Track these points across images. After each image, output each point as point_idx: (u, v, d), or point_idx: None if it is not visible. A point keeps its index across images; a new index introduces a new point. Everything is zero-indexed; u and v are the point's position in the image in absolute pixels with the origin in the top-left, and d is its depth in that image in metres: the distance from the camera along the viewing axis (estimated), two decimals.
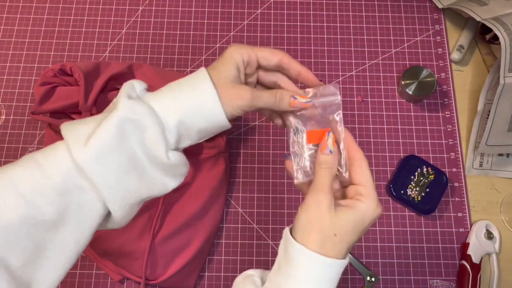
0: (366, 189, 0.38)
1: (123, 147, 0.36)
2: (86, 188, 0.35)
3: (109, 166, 0.35)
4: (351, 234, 0.37)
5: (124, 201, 0.37)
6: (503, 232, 0.67)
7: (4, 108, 0.72)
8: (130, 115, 0.36)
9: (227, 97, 0.39)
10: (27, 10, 0.78)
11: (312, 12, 0.79)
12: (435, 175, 0.68)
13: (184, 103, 0.38)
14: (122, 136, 0.36)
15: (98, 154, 0.35)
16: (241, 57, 0.40)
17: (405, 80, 0.72)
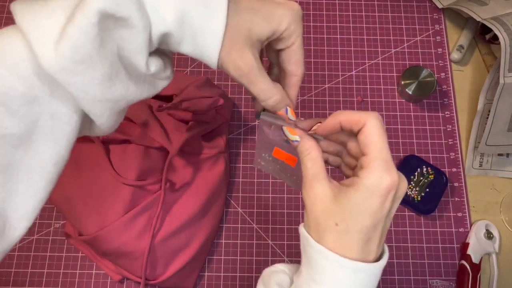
0: (368, 158, 0.30)
1: (104, 51, 0.28)
2: (58, 97, 0.29)
3: (90, 77, 0.28)
4: (361, 217, 0.29)
5: (112, 111, 0.31)
6: (503, 232, 0.67)
7: None
8: (114, 8, 0.27)
9: (228, 52, 0.31)
10: None
11: (312, 12, 0.79)
12: (435, 175, 0.68)
13: (184, 9, 0.29)
14: (103, 38, 0.28)
15: (75, 62, 0.27)
16: (284, 28, 0.32)
17: (405, 80, 0.72)
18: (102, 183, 0.61)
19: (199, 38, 0.30)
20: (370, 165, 0.29)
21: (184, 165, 0.63)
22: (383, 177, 0.29)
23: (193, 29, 0.30)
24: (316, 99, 0.74)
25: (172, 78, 0.35)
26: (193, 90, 0.63)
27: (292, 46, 0.35)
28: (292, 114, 0.35)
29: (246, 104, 0.73)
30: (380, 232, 0.30)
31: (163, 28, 0.29)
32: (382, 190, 0.29)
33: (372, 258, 0.31)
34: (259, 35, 0.31)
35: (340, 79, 0.75)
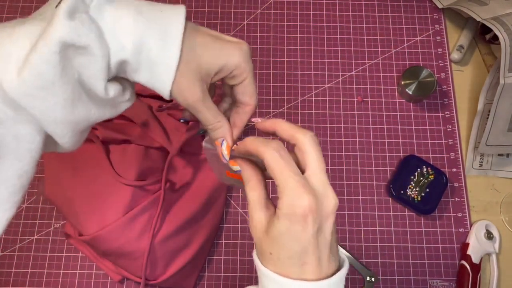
0: (279, 188, 0.30)
1: (66, 78, 0.30)
2: (21, 120, 0.30)
3: (52, 101, 0.29)
4: (287, 246, 0.30)
5: (74, 132, 0.32)
6: (503, 232, 0.67)
7: None
8: (74, 38, 0.28)
9: (178, 84, 0.33)
10: (27, 10, 0.78)
11: (312, 12, 0.79)
12: (435, 175, 0.68)
13: (142, 41, 0.31)
14: (64, 66, 0.29)
15: (37, 88, 0.29)
16: (234, 66, 0.35)
17: (405, 80, 0.72)
18: (102, 183, 0.61)
19: (154, 68, 0.32)
20: (281, 195, 0.30)
21: (184, 165, 0.63)
22: (295, 204, 0.29)
23: (149, 59, 0.31)
24: (316, 99, 0.74)
25: (134, 101, 0.37)
26: None
27: (244, 82, 0.36)
28: (227, 149, 0.35)
29: None
30: (316, 253, 0.30)
31: (121, 56, 0.31)
32: (298, 217, 0.29)
33: (321, 275, 0.30)
34: (207, 70, 0.33)
35: (340, 79, 0.75)
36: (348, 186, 0.69)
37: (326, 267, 0.31)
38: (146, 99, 0.65)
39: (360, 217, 0.68)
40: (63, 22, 0.28)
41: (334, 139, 0.72)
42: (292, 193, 0.30)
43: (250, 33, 0.78)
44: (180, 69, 0.32)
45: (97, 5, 0.30)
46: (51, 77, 0.29)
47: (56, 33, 0.28)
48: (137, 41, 0.31)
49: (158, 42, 0.31)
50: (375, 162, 0.71)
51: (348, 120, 0.73)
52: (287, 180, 0.30)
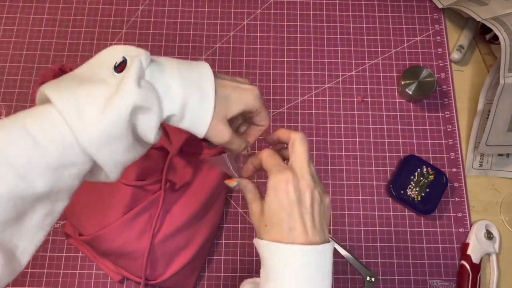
0: (269, 172, 0.40)
1: (130, 133, 0.37)
2: (82, 162, 0.36)
3: (115, 150, 0.36)
4: (275, 214, 0.38)
5: (123, 168, 0.39)
6: (503, 232, 0.67)
7: (4, 108, 0.72)
8: (142, 102, 0.36)
9: (211, 129, 0.42)
10: (27, 10, 0.78)
11: (312, 12, 0.79)
12: (435, 175, 0.68)
13: (186, 100, 0.39)
14: (131, 123, 0.36)
15: (109, 138, 0.35)
16: (250, 108, 0.44)
17: (405, 80, 0.72)
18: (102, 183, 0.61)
19: (195, 118, 0.41)
20: (269, 176, 0.39)
21: (184, 165, 0.63)
22: (278, 178, 0.38)
23: (191, 112, 0.40)
24: (316, 99, 0.74)
25: None
26: None
27: (260, 114, 0.45)
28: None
29: None
30: (299, 220, 0.37)
31: (171, 112, 0.39)
32: (281, 185, 0.38)
33: (307, 242, 0.37)
34: (231, 114, 0.43)
35: (340, 79, 0.75)
36: (348, 186, 0.69)
37: (311, 236, 0.38)
38: None
39: (360, 217, 0.68)
40: (135, 90, 0.35)
41: (334, 139, 0.72)
42: (276, 170, 0.39)
43: (250, 33, 0.78)
44: (213, 117, 0.41)
45: (150, 71, 0.38)
46: (120, 131, 0.36)
47: (130, 98, 0.35)
48: (183, 100, 0.39)
49: (198, 98, 0.40)
50: (375, 162, 0.71)
51: (348, 120, 0.73)
52: (274, 165, 0.40)
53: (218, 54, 0.76)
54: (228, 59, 0.76)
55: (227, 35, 0.78)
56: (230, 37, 0.77)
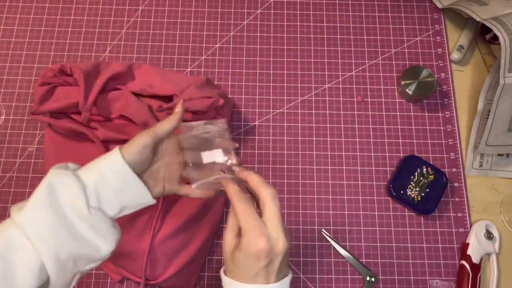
0: (242, 231, 0.41)
1: (52, 202, 0.40)
2: (25, 245, 0.39)
3: (41, 220, 0.39)
4: (243, 269, 0.40)
5: (57, 256, 0.39)
6: (503, 232, 0.67)
7: (4, 108, 0.72)
8: (57, 176, 0.41)
9: (128, 147, 0.45)
10: (27, 10, 0.78)
11: (312, 12, 0.79)
12: (435, 175, 0.68)
13: (100, 167, 0.43)
14: (50, 191, 0.40)
15: (30, 208, 0.39)
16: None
17: (405, 80, 0.72)
18: None
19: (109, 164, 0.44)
20: (243, 234, 0.40)
21: None
22: (251, 245, 0.39)
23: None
24: (316, 99, 0.74)
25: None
26: (193, 90, 0.63)
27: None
28: None
29: (246, 104, 0.73)
30: (265, 276, 0.40)
31: (94, 178, 0.43)
32: (253, 254, 0.39)
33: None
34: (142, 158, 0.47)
35: (340, 79, 0.75)
36: (348, 186, 0.69)
37: (273, 280, 0.40)
38: (146, 99, 0.65)
39: (360, 217, 0.68)
40: (53, 169, 0.43)
41: (334, 139, 0.72)
42: (251, 235, 0.39)
43: (250, 33, 0.78)
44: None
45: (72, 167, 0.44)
46: (41, 199, 0.40)
47: (48, 174, 0.42)
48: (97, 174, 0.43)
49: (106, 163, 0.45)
50: (375, 162, 0.71)
51: (348, 120, 0.73)
52: (250, 229, 0.40)
53: (218, 55, 0.76)
54: (228, 59, 0.76)
55: (227, 35, 0.78)
56: (230, 37, 0.77)
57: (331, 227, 0.67)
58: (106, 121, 0.65)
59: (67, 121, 0.63)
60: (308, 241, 0.67)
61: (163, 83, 0.65)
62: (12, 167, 0.69)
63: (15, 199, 0.67)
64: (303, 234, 0.67)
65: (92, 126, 0.63)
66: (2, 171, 0.69)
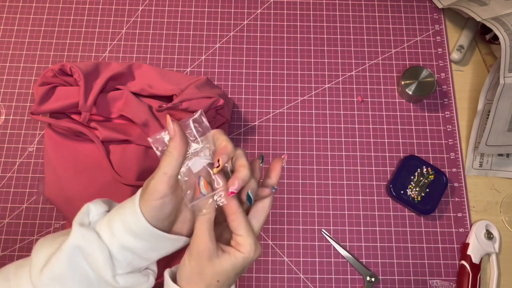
0: (243, 238, 0.38)
1: (75, 273, 0.38)
2: None
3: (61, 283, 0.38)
4: (232, 277, 0.39)
5: None
6: (503, 232, 0.67)
7: (4, 108, 0.72)
8: (79, 242, 0.38)
9: (147, 203, 0.38)
10: (27, 10, 0.78)
11: (312, 12, 0.79)
12: (435, 175, 0.68)
13: (122, 235, 0.39)
14: (72, 262, 0.38)
15: (52, 279, 0.38)
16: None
17: (405, 80, 0.72)
18: (102, 184, 0.61)
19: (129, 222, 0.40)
20: (246, 244, 0.38)
21: None
22: (255, 253, 0.38)
23: None
24: (316, 99, 0.74)
25: None
26: (193, 90, 0.63)
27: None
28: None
29: (246, 104, 0.73)
30: None
31: (120, 241, 0.39)
32: (251, 260, 0.38)
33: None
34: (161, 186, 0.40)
35: (340, 79, 0.75)
36: (348, 186, 0.69)
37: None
38: (146, 99, 0.65)
39: (360, 217, 0.68)
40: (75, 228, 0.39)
41: (334, 139, 0.72)
42: (253, 244, 0.38)
43: (250, 33, 0.78)
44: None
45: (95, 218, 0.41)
46: (62, 271, 0.38)
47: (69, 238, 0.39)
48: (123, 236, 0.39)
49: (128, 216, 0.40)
50: (375, 162, 0.71)
51: (348, 120, 0.73)
52: (249, 233, 0.38)
53: (218, 55, 0.76)
54: (228, 59, 0.76)
55: (227, 35, 0.78)
56: (230, 37, 0.77)
57: (331, 227, 0.67)
58: (106, 121, 0.65)
59: (67, 121, 0.63)
60: (308, 241, 0.67)
61: (163, 83, 0.65)
62: (12, 167, 0.69)
63: (15, 199, 0.67)
64: (303, 234, 0.67)
65: (92, 126, 0.63)
66: (2, 171, 0.69)
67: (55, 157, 0.63)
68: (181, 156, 0.38)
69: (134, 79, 0.66)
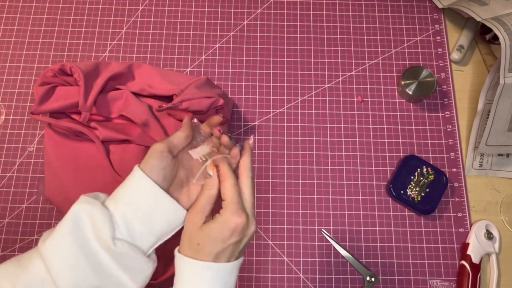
0: (226, 203, 0.42)
1: (76, 235, 0.39)
2: (47, 280, 0.38)
3: (62, 253, 0.39)
4: (213, 242, 0.41)
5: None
6: (503, 232, 0.67)
7: (4, 108, 0.72)
8: (83, 205, 0.40)
9: (145, 160, 0.44)
10: (27, 10, 0.78)
11: (312, 12, 0.79)
12: (435, 175, 0.68)
13: (123, 193, 0.43)
14: (75, 223, 0.40)
15: (53, 239, 0.39)
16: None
17: (405, 80, 0.72)
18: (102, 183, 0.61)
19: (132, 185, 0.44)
20: (226, 206, 0.41)
21: None
22: (233, 216, 0.41)
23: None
24: (316, 99, 0.74)
25: None
26: (193, 90, 0.63)
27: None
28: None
29: (246, 104, 0.73)
30: (228, 255, 0.41)
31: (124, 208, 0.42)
32: (231, 225, 0.40)
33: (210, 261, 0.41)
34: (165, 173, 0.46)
35: (340, 79, 0.75)
36: (348, 186, 0.69)
37: (233, 260, 0.42)
38: (146, 99, 0.65)
39: (360, 217, 0.68)
40: (82, 197, 0.43)
41: (334, 139, 0.72)
42: (234, 210, 0.41)
43: (250, 33, 0.78)
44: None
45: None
46: (65, 229, 0.40)
47: (75, 204, 0.42)
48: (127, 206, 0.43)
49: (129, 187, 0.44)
50: (375, 162, 0.71)
51: (348, 120, 0.73)
52: (233, 203, 0.41)
53: (218, 54, 0.76)
54: (228, 59, 0.76)
55: (227, 35, 0.78)
56: (230, 37, 0.77)
57: (331, 227, 0.67)
58: (106, 121, 0.65)
59: (67, 121, 0.63)
60: (308, 241, 0.67)
61: (163, 83, 0.65)
62: (12, 167, 0.69)
63: (15, 199, 0.67)
64: (303, 234, 0.67)
65: (92, 126, 0.63)
66: (2, 171, 0.69)
67: (55, 157, 0.63)
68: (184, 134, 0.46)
69: (134, 79, 0.66)
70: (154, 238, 0.43)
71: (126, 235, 0.41)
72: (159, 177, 0.43)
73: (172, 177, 0.45)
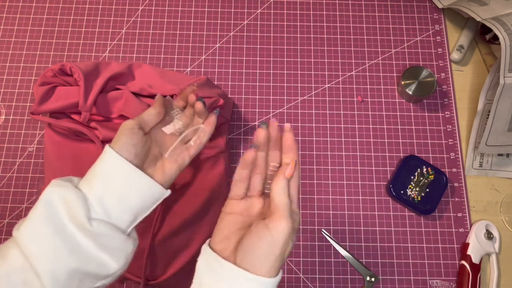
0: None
1: (50, 217, 0.39)
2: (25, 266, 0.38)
3: (38, 237, 0.38)
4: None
5: (54, 276, 0.38)
6: (503, 232, 0.67)
7: (4, 108, 0.72)
8: (55, 188, 0.40)
9: (116, 138, 0.44)
10: (27, 10, 0.78)
11: (312, 12, 0.79)
12: (435, 175, 0.68)
13: (96, 172, 0.42)
14: (48, 205, 0.39)
15: (27, 224, 0.39)
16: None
17: (405, 80, 0.72)
18: None
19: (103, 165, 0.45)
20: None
21: None
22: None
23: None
24: (316, 99, 0.74)
25: None
26: None
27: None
28: None
29: (246, 104, 0.73)
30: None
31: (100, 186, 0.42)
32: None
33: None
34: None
35: (340, 79, 0.75)
36: (348, 186, 0.69)
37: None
38: (146, 99, 0.65)
39: (360, 217, 0.68)
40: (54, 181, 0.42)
41: (334, 139, 0.72)
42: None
43: (250, 33, 0.78)
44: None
45: None
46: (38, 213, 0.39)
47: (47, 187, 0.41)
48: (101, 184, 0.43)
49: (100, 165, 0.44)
50: (375, 162, 0.71)
51: (348, 120, 0.73)
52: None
53: (218, 55, 0.76)
54: (228, 59, 0.76)
55: (227, 35, 0.78)
56: (230, 37, 0.77)
57: (331, 227, 0.67)
58: (106, 121, 0.65)
59: (67, 121, 0.63)
60: (308, 241, 0.67)
61: (163, 83, 0.65)
62: (12, 167, 0.69)
63: (15, 199, 0.67)
64: (303, 234, 0.67)
65: (92, 126, 0.63)
66: (2, 171, 0.69)
67: (55, 157, 0.63)
68: (155, 111, 0.47)
69: (134, 79, 0.66)
70: (131, 215, 0.42)
71: (102, 215, 0.41)
72: (130, 154, 0.43)
73: (144, 154, 0.45)
